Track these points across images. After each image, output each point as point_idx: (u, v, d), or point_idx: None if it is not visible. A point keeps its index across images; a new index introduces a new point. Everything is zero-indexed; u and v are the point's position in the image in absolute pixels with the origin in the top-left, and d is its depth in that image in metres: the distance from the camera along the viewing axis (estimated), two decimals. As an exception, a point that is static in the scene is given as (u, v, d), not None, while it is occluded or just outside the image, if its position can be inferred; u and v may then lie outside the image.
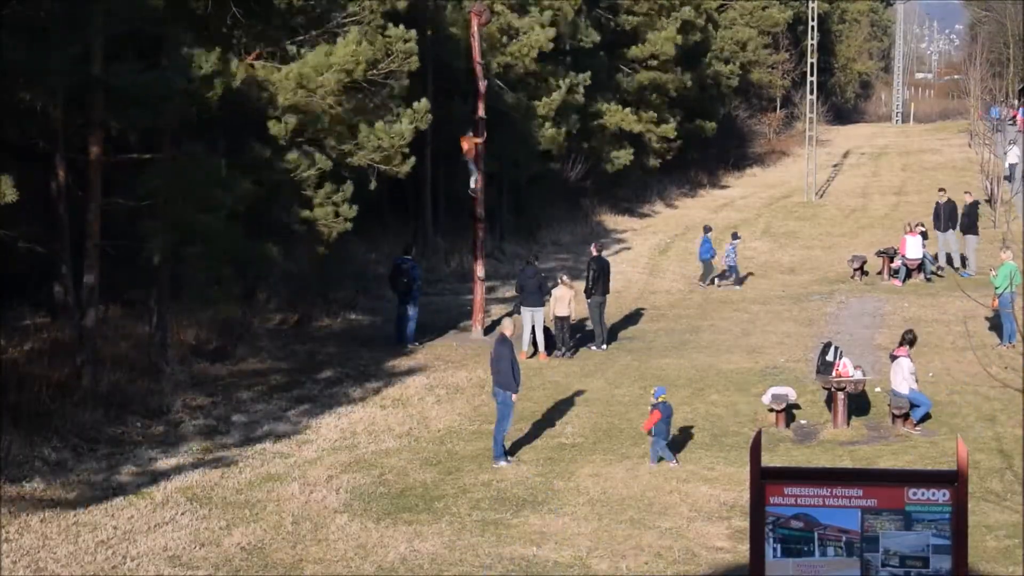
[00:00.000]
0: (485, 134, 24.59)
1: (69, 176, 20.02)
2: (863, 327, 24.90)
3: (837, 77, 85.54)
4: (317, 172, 21.32)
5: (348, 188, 22.32)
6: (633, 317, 26.64)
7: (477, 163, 24.60)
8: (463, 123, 25.22)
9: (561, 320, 23.21)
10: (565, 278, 23.96)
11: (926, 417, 18.20)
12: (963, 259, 30.70)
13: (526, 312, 23.15)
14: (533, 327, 23.06)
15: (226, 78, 18.82)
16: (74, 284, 20.14)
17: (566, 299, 23.04)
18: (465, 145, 24.48)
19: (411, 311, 24.21)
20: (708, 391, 20.27)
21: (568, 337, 23.38)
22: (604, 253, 24.41)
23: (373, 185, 23.00)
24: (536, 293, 23.08)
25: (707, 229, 31.79)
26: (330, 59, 20.20)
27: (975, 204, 31.11)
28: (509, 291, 29.53)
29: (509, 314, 23.05)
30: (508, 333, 17.24)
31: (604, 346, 23.74)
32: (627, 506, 14.76)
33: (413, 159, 22.72)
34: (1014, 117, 64.37)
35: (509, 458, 16.64)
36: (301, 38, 21.26)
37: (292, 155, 21.12)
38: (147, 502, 14.74)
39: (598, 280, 23.73)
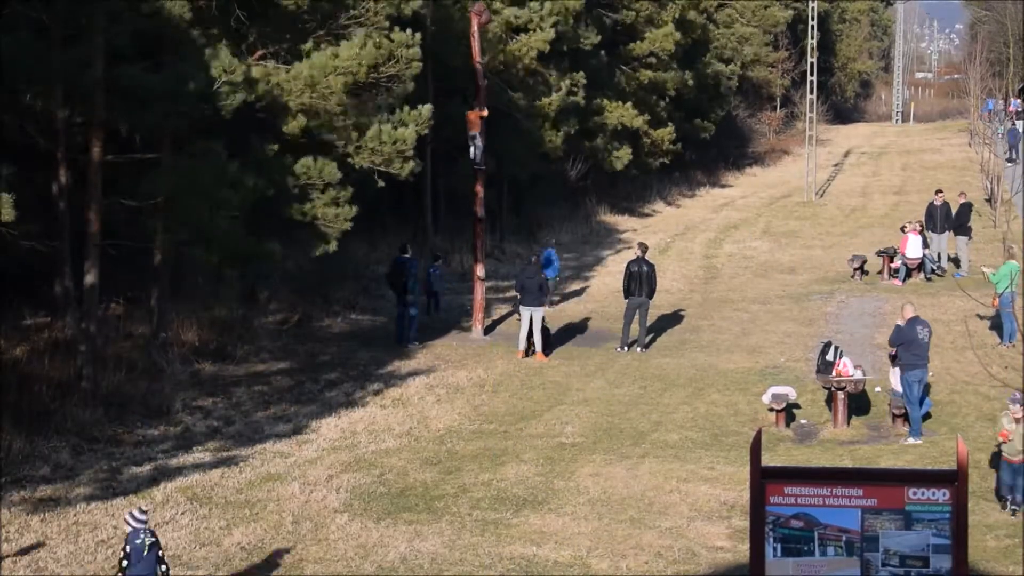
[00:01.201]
0: (486, 110, 24.83)
1: (70, 175, 20.03)
2: (863, 327, 24.91)
3: (837, 76, 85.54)
4: (326, 179, 21.35)
5: (348, 191, 22.33)
6: (633, 317, 26.63)
7: (481, 135, 24.75)
8: (463, 123, 25.25)
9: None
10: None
11: (926, 417, 18.21)
12: (956, 260, 30.71)
13: (525, 311, 23.15)
14: (531, 326, 23.05)
15: (248, 85, 18.84)
16: (75, 283, 20.15)
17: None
18: (473, 120, 24.58)
19: (412, 310, 24.23)
20: (708, 390, 20.27)
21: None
22: (645, 255, 24.27)
23: (381, 184, 23.04)
24: (536, 293, 23.08)
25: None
26: (335, 62, 20.21)
27: (968, 205, 31.10)
28: (511, 291, 29.57)
29: (509, 313, 23.16)
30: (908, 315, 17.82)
31: (639, 348, 23.59)
32: (627, 505, 14.77)
33: (412, 163, 22.69)
34: (1006, 110, 64.35)
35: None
36: (305, 40, 21.23)
37: (303, 159, 21.17)
38: (147, 502, 14.73)
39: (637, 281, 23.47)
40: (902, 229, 30.77)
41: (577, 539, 13.65)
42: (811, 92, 49.09)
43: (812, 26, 48.67)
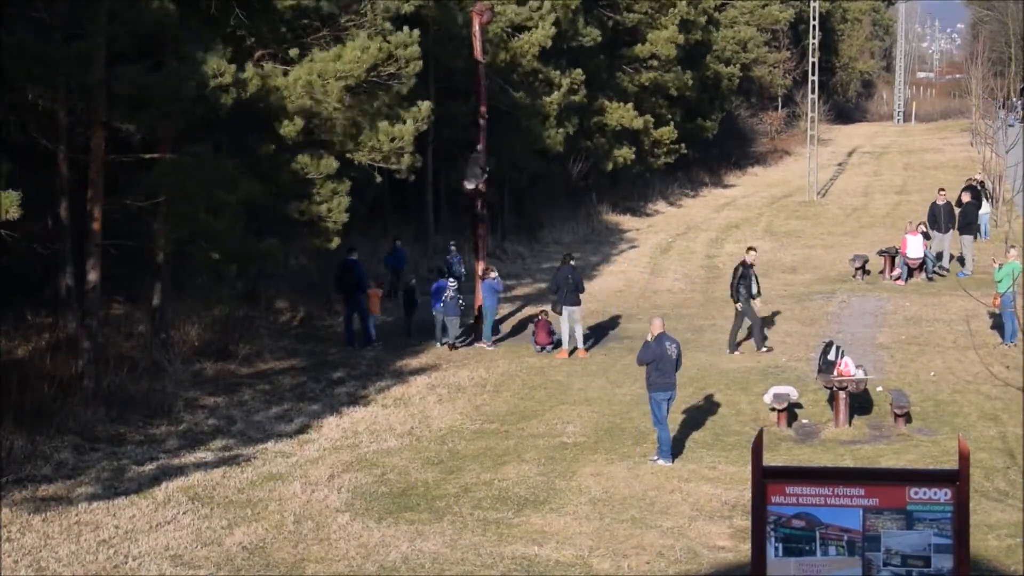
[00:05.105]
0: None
1: (72, 175, 20.03)
2: (865, 326, 24.90)
3: (839, 76, 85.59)
4: (323, 172, 21.35)
5: (346, 184, 22.34)
6: (635, 316, 26.64)
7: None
8: (464, 122, 25.21)
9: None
10: None
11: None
12: (961, 259, 30.68)
13: (565, 311, 23.04)
14: (572, 325, 23.03)
15: (239, 87, 18.83)
16: (76, 283, 20.15)
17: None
18: None
19: (356, 311, 24.12)
20: (710, 390, 20.26)
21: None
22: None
23: (379, 179, 23.10)
24: (574, 292, 23.01)
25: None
26: (336, 65, 20.19)
27: (972, 204, 31.07)
28: (511, 290, 29.55)
29: (555, 311, 23.11)
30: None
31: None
32: (629, 505, 14.77)
33: (410, 158, 22.67)
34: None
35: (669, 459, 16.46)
36: (305, 40, 21.22)
37: (301, 156, 21.17)
38: (149, 501, 14.75)
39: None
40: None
41: (579, 539, 13.65)
42: (813, 92, 49.10)
43: (813, 26, 48.67)
